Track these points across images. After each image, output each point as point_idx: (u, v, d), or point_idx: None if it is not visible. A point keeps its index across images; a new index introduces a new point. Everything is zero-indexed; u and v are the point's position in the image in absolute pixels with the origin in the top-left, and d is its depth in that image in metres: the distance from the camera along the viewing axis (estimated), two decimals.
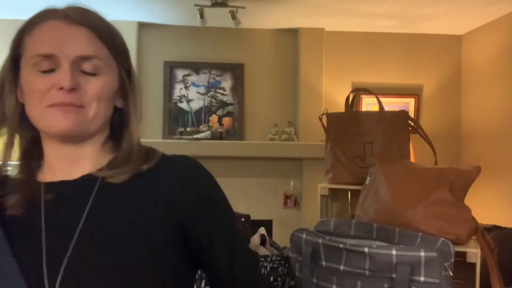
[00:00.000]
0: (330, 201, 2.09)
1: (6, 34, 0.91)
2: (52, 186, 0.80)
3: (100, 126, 0.82)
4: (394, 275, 1.25)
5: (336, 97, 4.05)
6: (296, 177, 4.05)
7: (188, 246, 0.83)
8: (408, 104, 4.17)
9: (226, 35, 4.03)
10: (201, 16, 3.52)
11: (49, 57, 0.76)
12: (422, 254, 1.24)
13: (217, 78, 4.05)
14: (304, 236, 1.45)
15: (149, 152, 0.85)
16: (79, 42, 0.77)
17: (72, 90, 0.76)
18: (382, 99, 2.02)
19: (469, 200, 1.52)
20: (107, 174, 0.80)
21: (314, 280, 1.39)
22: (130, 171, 0.81)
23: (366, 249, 1.29)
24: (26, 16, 0.85)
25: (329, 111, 2.06)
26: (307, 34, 4.11)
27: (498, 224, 2.99)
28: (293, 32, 4.16)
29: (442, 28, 4.10)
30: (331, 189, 2.03)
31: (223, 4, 3.45)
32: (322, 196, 2.05)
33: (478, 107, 4.01)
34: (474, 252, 1.45)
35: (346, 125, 1.97)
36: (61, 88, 0.76)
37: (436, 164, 1.86)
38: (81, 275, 0.74)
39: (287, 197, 4.07)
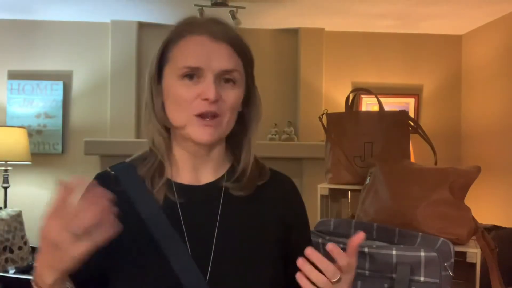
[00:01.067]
0: (330, 201, 2.09)
1: (6, 34, 0.92)
2: (183, 188, 0.91)
3: (228, 133, 0.93)
4: (394, 275, 1.25)
5: (336, 97, 4.05)
6: (296, 177, 4.02)
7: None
8: (408, 104, 4.17)
9: None
10: (201, 16, 3.52)
11: (196, 69, 0.86)
12: (422, 254, 1.24)
13: None
14: None
15: (261, 166, 0.98)
16: (223, 57, 0.87)
17: (215, 101, 0.86)
18: (382, 99, 2.02)
19: (469, 200, 1.52)
20: (231, 186, 0.92)
21: None
22: (251, 188, 0.93)
23: (366, 249, 1.29)
24: (26, 16, 0.86)
25: (329, 111, 2.06)
26: (307, 34, 4.11)
27: (498, 224, 2.98)
28: (293, 32, 4.16)
29: (442, 28, 4.10)
30: (331, 189, 2.03)
31: (223, 4, 3.45)
32: (322, 196, 2.05)
33: (478, 107, 4.01)
34: (474, 252, 1.45)
35: (346, 125, 1.97)
36: (206, 99, 0.86)
37: (436, 164, 1.86)
38: (224, 269, 0.87)
39: None
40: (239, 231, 0.91)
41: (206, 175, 0.94)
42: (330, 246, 0.80)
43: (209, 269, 0.86)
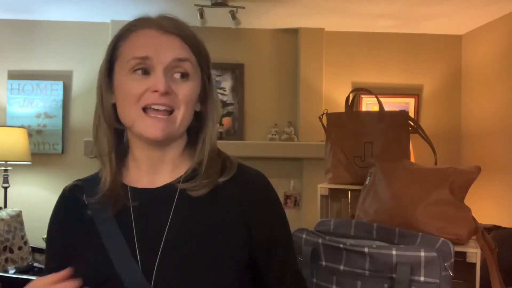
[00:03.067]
0: (330, 201, 2.09)
1: (6, 34, 0.92)
2: (138, 192, 0.89)
3: (184, 130, 0.90)
4: (394, 275, 1.25)
5: (336, 97, 4.05)
6: (296, 177, 4.05)
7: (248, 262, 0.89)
8: (408, 104, 4.17)
9: (226, 35, 4.03)
10: (201, 16, 3.52)
11: (144, 59, 0.83)
12: (422, 254, 1.24)
13: (217, 78, 4.04)
14: (304, 236, 1.45)
15: (226, 162, 0.92)
16: (174, 48, 0.85)
17: (166, 93, 0.83)
18: (382, 99, 2.02)
19: (469, 200, 1.52)
20: (186, 186, 0.88)
21: (314, 280, 1.39)
22: (208, 186, 0.87)
23: (366, 249, 1.29)
24: (26, 16, 0.87)
25: (329, 111, 2.06)
26: (307, 34, 4.11)
27: (498, 224, 2.99)
28: (293, 32, 4.16)
29: (442, 28, 4.10)
30: (331, 189, 2.03)
31: (223, 4, 3.45)
32: (322, 196, 2.05)
33: (478, 107, 4.01)
34: (474, 252, 1.45)
35: (346, 125, 1.97)
36: (155, 91, 0.83)
37: (436, 164, 1.86)
38: (169, 274, 0.84)
39: (287, 197, 4.07)
40: (189, 234, 0.86)
41: (163, 177, 0.91)
42: None
43: (154, 273, 0.83)
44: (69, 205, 0.92)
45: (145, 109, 0.84)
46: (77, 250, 0.89)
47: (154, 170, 0.91)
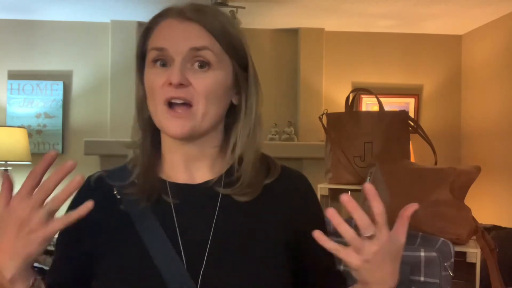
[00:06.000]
0: (330, 201, 2.09)
1: (6, 34, 0.92)
2: (177, 187, 0.84)
3: (212, 125, 0.83)
4: None
5: (336, 97, 4.05)
6: None
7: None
8: (408, 104, 4.17)
9: None
10: None
11: (162, 50, 0.79)
12: (422, 254, 1.24)
13: None
14: None
15: (270, 163, 0.88)
16: (190, 36, 0.79)
17: (181, 85, 0.78)
18: (382, 99, 2.02)
19: (469, 200, 1.51)
20: (228, 192, 0.83)
21: None
22: (252, 194, 0.83)
23: None
24: (26, 16, 0.86)
25: (329, 111, 2.06)
26: (307, 34, 4.10)
27: (498, 224, 2.98)
28: (293, 32, 4.16)
29: (442, 28, 4.10)
30: (331, 189, 2.03)
31: (223, 4, 3.45)
32: (322, 196, 2.05)
33: (478, 107, 4.01)
34: (474, 252, 1.45)
35: (346, 125, 1.97)
36: (170, 84, 0.78)
37: (436, 164, 1.86)
38: (217, 273, 0.79)
39: None
40: (236, 235, 0.82)
41: (201, 174, 0.86)
42: (367, 186, 0.70)
43: (200, 276, 0.79)
44: (95, 196, 0.79)
45: (169, 104, 0.80)
46: (109, 244, 0.82)
47: (191, 166, 0.86)
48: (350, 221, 1.50)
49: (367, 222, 0.70)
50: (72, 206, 0.82)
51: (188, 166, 0.86)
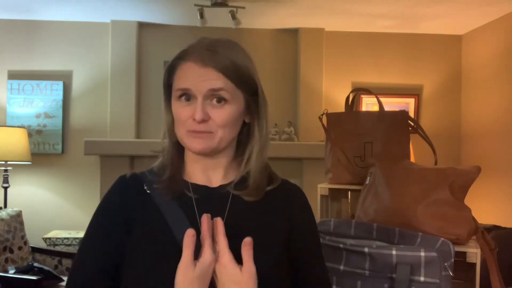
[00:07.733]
0: (330, 201, 2.09)
1: (6, 34, 0.92)
2: (198, 187, 1.04)
3: (228, 144, 1.03)
4: (394, 275, 1.25)
5: (336, 97, 4.05)
6: (296, 177, 4.04)
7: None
8: (408, 104, 4.17)
9: (226, 35, 4.02)
10: (201, 16, 3.52)
11: (186, 90, 0.98)
12: (422, 254, 1.24)
13: None
14: None
15: (272, 175, 1.07)
16: (209, 79, 0.98)
17: (203, 121, 0.97)
18: (382, 99, 2.02)
19: (469, 200, 1.51)
20: (239, 193, 1.02)
21: None
22: (257, 196, 1.02)
23: (366, 249, 1.29)
24: (26, 16, 0.86)
25: (329, 111, 2.06)
26: (307, 34, 4.11)
27: (498, 224, 2.99)
28: (293, 32, 4.16)
29: (442, 28, 4.10)
30: (331, 189, 2.03)
31: (223, 4, 3.45)
32: (322, 196, 2.05)
33: (478, 107, 4.01)
34: (474, 252, 1.45)
35: (346, 125, 1.97)
36: (194, 119, 0.97)
37: (436, 164, 1.86)
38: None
39: None
40: (244, 224, 1.00)
41: (217, 181, 1.05)
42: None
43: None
44: (129, 186, 1.03)
45: (188, 132, 1.00)
46: (141, 227, 0.99)
47: (208, 173, 1.05)
48: (350, 221, 1.50)
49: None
50: (110, 197, 1.03)
51: (206, 173, 1.05)
